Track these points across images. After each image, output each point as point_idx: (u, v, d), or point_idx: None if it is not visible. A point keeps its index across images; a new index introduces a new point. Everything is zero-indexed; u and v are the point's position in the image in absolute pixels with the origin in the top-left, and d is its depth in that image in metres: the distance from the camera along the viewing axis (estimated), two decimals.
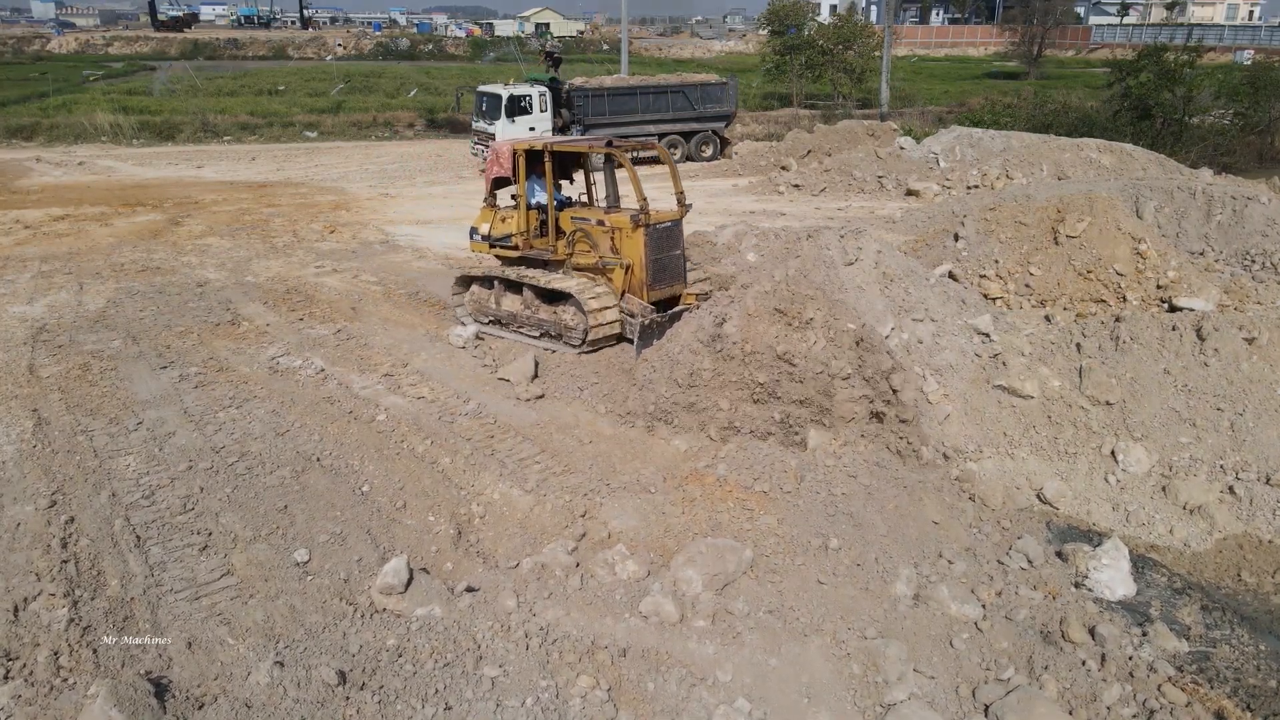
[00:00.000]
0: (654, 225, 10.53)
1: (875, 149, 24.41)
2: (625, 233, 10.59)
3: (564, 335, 10.96)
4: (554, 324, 11.05)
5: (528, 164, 11.25)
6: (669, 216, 10.84)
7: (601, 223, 10.89)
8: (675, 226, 10.91)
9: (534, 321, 11.29)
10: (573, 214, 11.35)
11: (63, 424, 9.02)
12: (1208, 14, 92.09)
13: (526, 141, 11.39)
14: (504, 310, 11.60)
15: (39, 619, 6.19)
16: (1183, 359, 10.22)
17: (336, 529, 7.43)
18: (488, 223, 12.02)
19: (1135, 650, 6.36)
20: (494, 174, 11.74)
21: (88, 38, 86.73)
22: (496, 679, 5.82)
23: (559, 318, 10.99)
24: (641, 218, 10.37)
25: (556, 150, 11.07)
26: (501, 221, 11.82)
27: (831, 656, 6.17)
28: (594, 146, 10.95)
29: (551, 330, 11.11)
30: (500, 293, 11.63)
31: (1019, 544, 7.55)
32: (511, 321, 11.59)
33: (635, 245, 10.55)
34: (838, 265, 11.62)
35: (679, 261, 11.02)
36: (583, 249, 11.12)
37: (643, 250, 10.50)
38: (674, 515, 7.62)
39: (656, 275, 10.68)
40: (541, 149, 11.04)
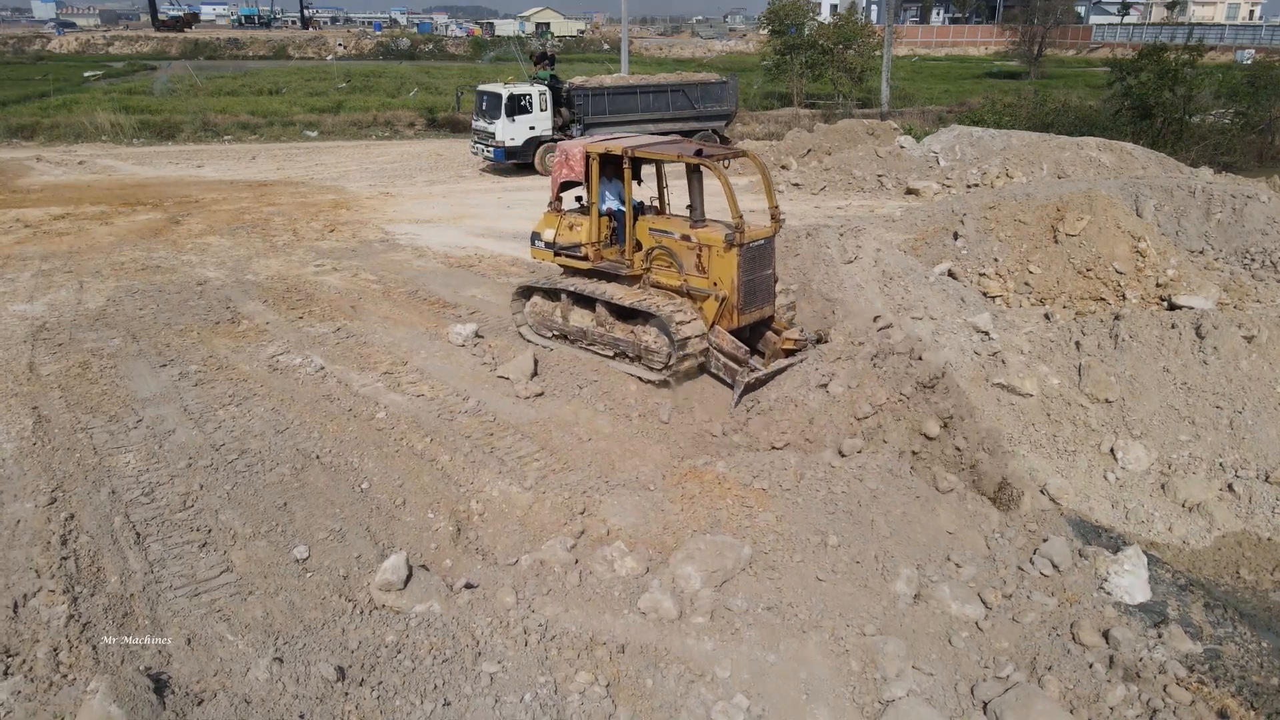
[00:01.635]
0: (748, 244, 9.45)
1: (875, 148, 24.41)
2: (716, 252, 9.54)
3: (644, 358, 10.01)
4: (632, 345, 10.08)
5: (601, 168, 10.34)
6: (763, 234, 9.73)
7: (687, 238, 9.82)
8: (768, 244, 9.86)
9: (608, 340, 10.35)
10: (652, 225, 10.28)
11: (63, 421, 9.03)
12: (1208, 13, 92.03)
13: (602, 144, 10.35)
14: (572, 326, 10.70)
15: (39, 615, 6.20)
16: (1182, 357, 10.23)
17: (336, 526, 7.44)
18: (553, 228, 10.95)
19: (1149, 652, 6.35)
20: (562, 177, 10.75)
21: (88, 37, 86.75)
22: (495, 675, 5.83)
23: (639, 339, 10.00)
24: (736, 236, 9.33)
25: (637, 155, 9.99)
26: (569, 229, 10.77)
27: (830, 653, 6.18)
28: (682, 155, 9.78)
29: (629, 352, 10.17)
30: (568, 307, 10.73)
31: (1044, 547, 7.42)
32: (580, 338, 10.67)
33: (727, 266, 9.50)
34: (837, 263, 11.63)
35: (770, 282, 10.09)
36: (662, 264, 10.15)
37: (735, 272, 9.46)
38: (673, 512, 7.62)
39: (748, 299, 9.70)
40: (620, 153, 10.00)
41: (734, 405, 9.12)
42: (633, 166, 10.14)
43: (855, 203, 21.18)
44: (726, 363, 9.67)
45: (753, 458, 8.27)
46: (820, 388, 8.88)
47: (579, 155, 10.43)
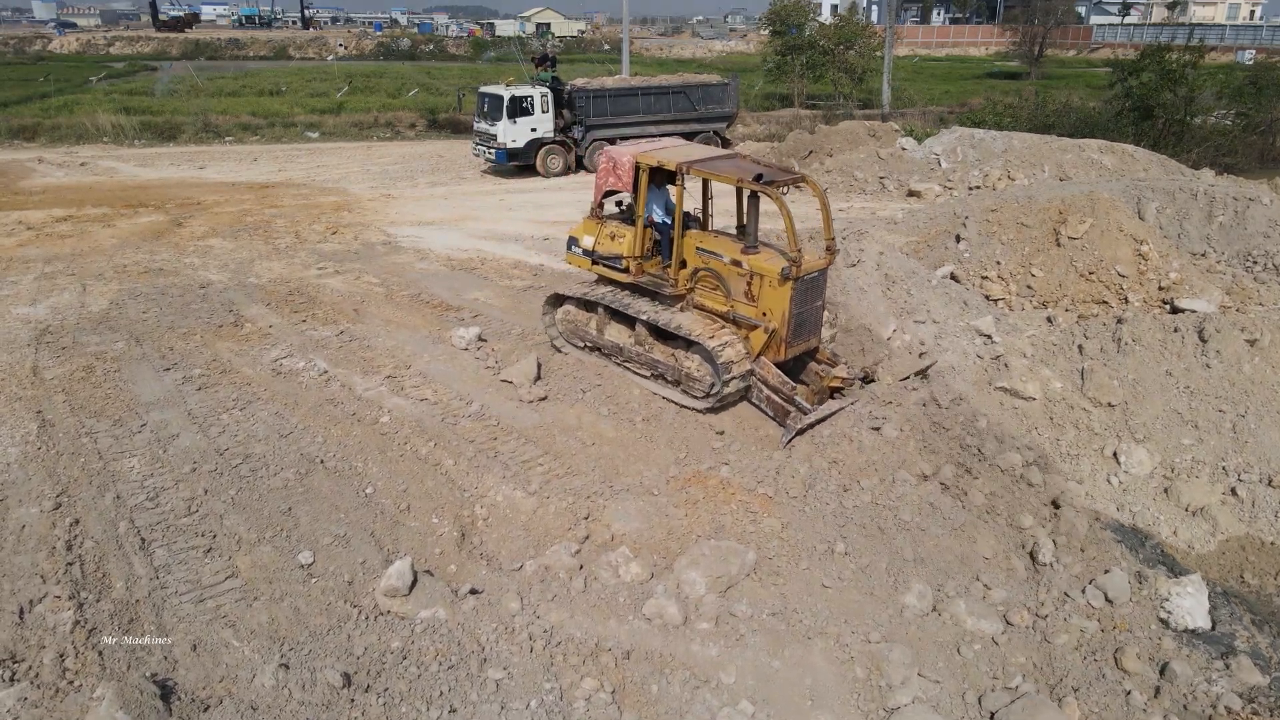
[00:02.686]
0: (802, 277, 9.01)
1: (877, 150, 24.41)
2: (769, 282, 9.09)
3: (684, 384, 9.68)
4: (672, 370, 9.74)
5: (651, 180, 9.83)
6: (818, 266, 9.31)
7: (738, 264, 9.36)
8: (821, 276, 9.44)
9: (646, 360, 9.99)
10: (700, 244, 9.77)
11: (67, 426, 9.04)
12: (1209, 14, 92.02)
13: (655, 155, 9.76)
14: (607, 340, 10.34)
15: (45, 621, 6.21)
16: (1185, 360, 10.23)
17: (340, 531, 7.45)
18: (592, 236, 10.42)
19: (1207, 685, 6.21)
20: (608, 185, 10.26)
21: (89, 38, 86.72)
22: (501, 681, 5.84)
23: (680, 364, 9.64)
24: (793, 270, 8.87)
25: (694, 173, 9.44)
26: (610, 239, 10.23)
27: (835, 660, 6.19)
28: (742, 180, 9.19)
29: (668, 375, 9.81)
30: (604, 320, 10.36)
31: (1102, 579, 7.22)
32: (616, 354, 10.30)
33: (780, 299, 9.07)
34: (840, 267, 11.63)
35: (819, 313, 9.70)
36: (708, 286, 9.69)
37: (788, 305, 9.04)
38: (677, 517, 7.64)
39: (797, 331, 9.32)
40: (674, 169, 9.41)
41: (783, 446, 8.81)
42: (670, 177, 9.69)
43: (857, 205, 21.18)
44: (770, 395, 9.35)
45: (757, 464, 8.28)
46: (873, 430, 8.85)
47: (628, 165, 9.93)
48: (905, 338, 10.98)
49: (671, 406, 9.62)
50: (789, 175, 9.60)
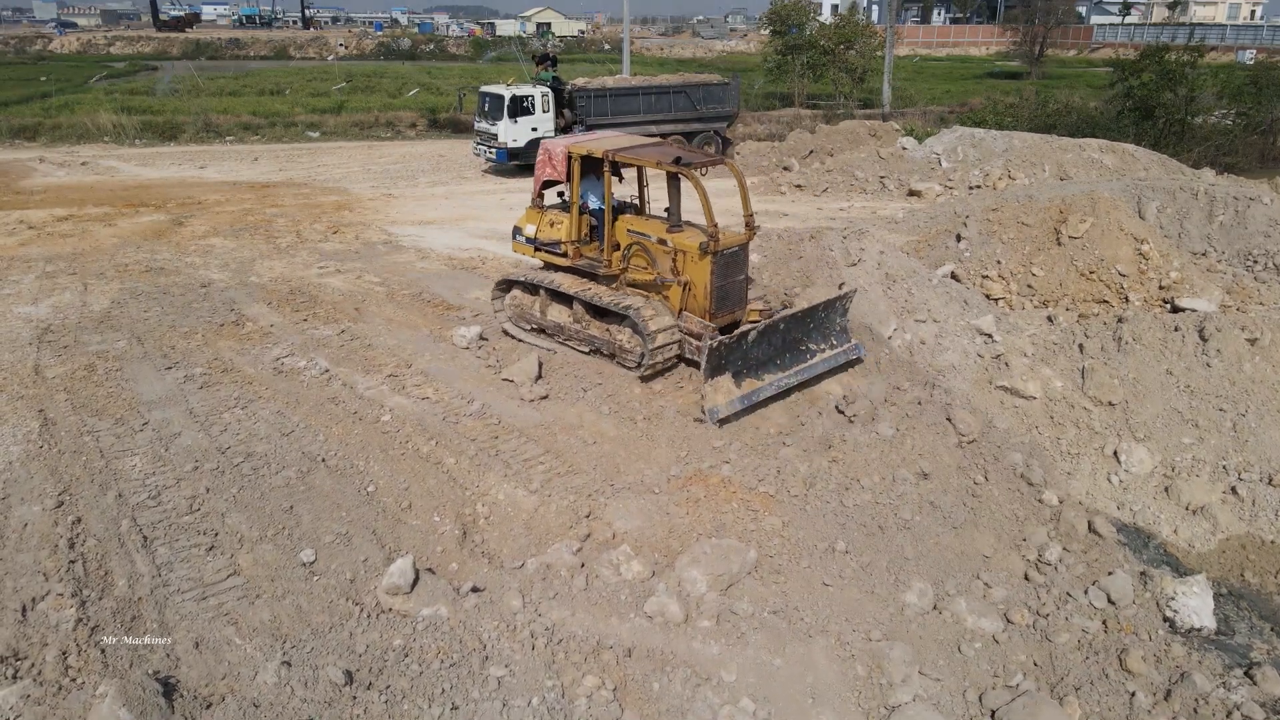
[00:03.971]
0: (722, 251, 9.66)
1: (877, 149, 24.42)
2: (691, 257, 9.78)
3: (618, 356, 10.28)
4: (607, 343, 10.35)
5: (583, 168, 10.52)
6: (737, 241, 9.93)
7: (663, 241, 10.05)
8: (742, 251, 10.04)
9: (584, 337, 10.62)
10: (630, 226, 10.46)
11: (69, 424, 9.05)
12: (1209, 14, 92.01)
13: (584, 145, 10.50)
14: (549, 320, 10.95)
15: (47, 619, 6.22)
16: (1185, 360, 10.25)
17: (342, 529, 7.46)
18: (534, 224, 11.23)
19: (1226, 692, 6.17)
20: (545, 175, 11.00)
21: (89, 38, 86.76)
22: (503, 679, 5.86)
23: (613, 337, 10.29)
24: (710, 244, 9.51)
25: (618, 160, 10.19)
26: (550, 226, 11.01)
27: (836, 658, 6.21)
28: (661, 162, 9.87)
29: (604, 349, 10.43)
30: (546, 302, 10.98)
31: (1105, 580, 7.23)
32: (558, 333, 10.91)
33: (701, 271, 9.72)
34: (840, 266, 11.64)
35: (743, 286, 10.27)
36: (639, 264, 10.35)
37: (709, 277, 9.67)
38: (678, 516, 7.65)
39: (720, 302, 9.90)
40: (601, 156, 10.15)
41: (703, 374, 9.14)
42: (613, 168, 10.35)
43: (858, 204, 21.19)
44: (697, 344, 9.76)
45: (758, 462, 8.29)
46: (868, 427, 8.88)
47: (561, 155, 10.64)
48: (906, 336, 11.00)
49: (672, 406, 9.63)
50: (707, 158, 10.32)
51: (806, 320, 9.86)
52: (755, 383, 9.43)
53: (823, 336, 10.13)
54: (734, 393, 9.22)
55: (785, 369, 9.73)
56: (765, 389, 9.45)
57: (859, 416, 9.16)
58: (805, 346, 9.97)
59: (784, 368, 9.71)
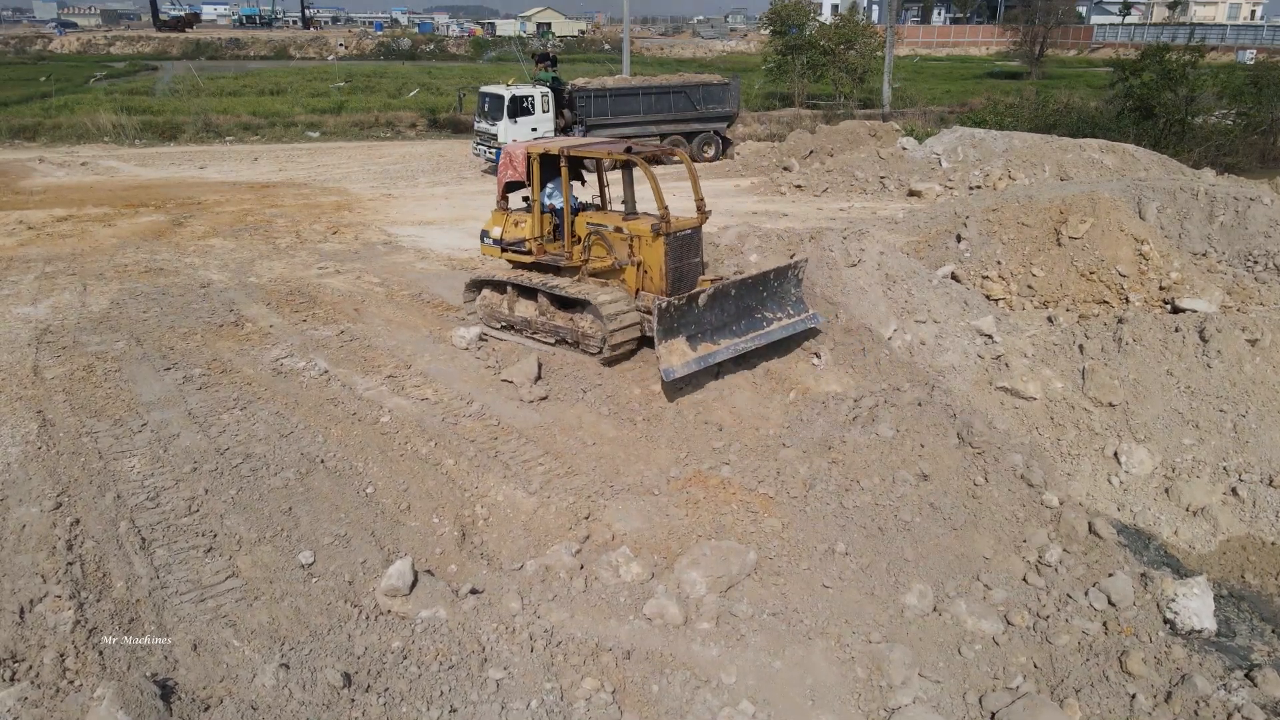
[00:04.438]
0: (674, 233, 10.15)
1: (877, 149, 24.40)
2: (645, 241, 10.27)
3: (582, 343, 10.65)
4: (571, 331, 10.76)
5: (542, 167, 10.96)
6: (689, 224, 10.48)
7: (619, 229, 10.55)
8: (695, 234, 10.57)
9: (549, 328, 11.00)
10: (588, 219, 10.94)
11: (67, 426, 9.04)
12: (1210, 13, 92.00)
13: (541, 145, 11.15)
14: (517, 316, 11.32)
15: (45, 621, 6.21)
16: (1185, 360, 10.24)
17: (341, 531, 7.44)
18: (499, 226, 11.72)
19: (1227, 694, 6.15)
20: (507, 178, 11.50)
21: (89, 38, 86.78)
22: (501, 681, 5.84)
23: (576, 325, 10.68)
24: (662, 226, 10.03)
25: (573, 154, 10.71)
26: (514, 225, 11.55)
27: (835, 660, 6.19)
28: (612, 152, 10.50)
29: (568, 338, 10.82)
30: (514, 298, 11.38)
31: (1106, 582, 7.22)
32: (525, 328, 11.27)
33: (655, 253, 10.22)
34: (840, 267, 11.63)
35: (697, 268, 10.71)
36: (599, 254, 10.80)
37: (663, 258, 10.16)
38: (678, 517, 7.64)
39: (675, 282, 10.33)
40: (557, 153, 10.70)
41: (656, 335, 9.42)
42: (571, 165, 10.84)
43: (858, 204, 21.18)
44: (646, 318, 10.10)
45: (758, 463, 8.28)
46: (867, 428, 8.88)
47: (521, 156, 11.26)
48: (906, 337, 10.99)
49: (672, 407, 9.62)
50: (658, 148, 11.45)
51: (759, 288, 10.25)
52: (711, 346, 9.75)
53: (778, 305, 10.51)
54: (689, 354, 9.53)
55: (741, 335, 10.06)
56: (721, 352, 9.80)
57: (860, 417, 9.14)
58: (761, 314, 10.33)
59: (740, 333, 10.04)
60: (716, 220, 17.45)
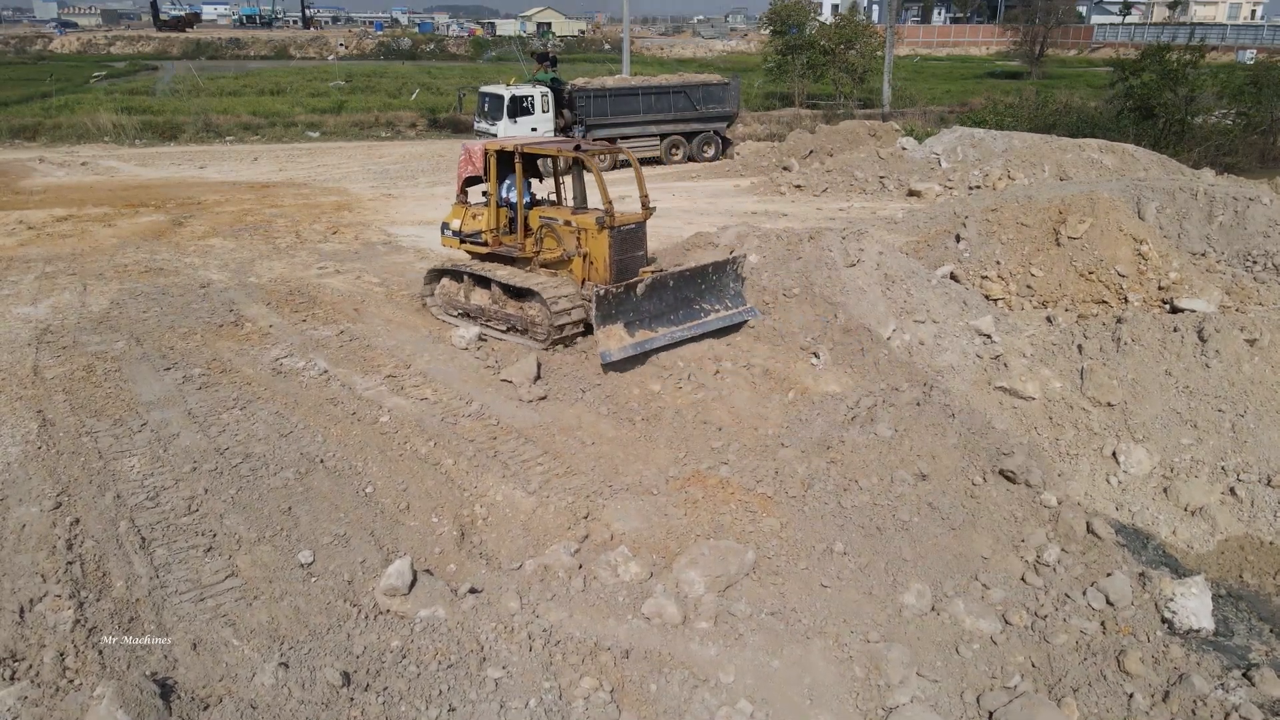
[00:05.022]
0: (618, 227, 10.83)
1: (877, 149, 24.41)
2: (591, 234, 10.93)
3: (530, 331, 11.22)
4: (520, 319, 11.35)
5: (499, 164, 11.67)
6: (633, 219, 11.18)
7: (568, 223, 11.27)
8: (639, 229, 11.24)
9: (501, 316, 11.60)
10: (541, 213, 11.68)
11: (67, 425, 9.05)
12: (1210, 13, 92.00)
13: (498, 142, 11.89)
14: (473, 304, 11.93)
15: (45, 620, 6.22)
16: (1184, 360, 10.24)
17: (340, 530, 7.45)
18: (459, 219, 12.46)
19: (1225, 694, 6.14)
20: (466, 173, 12.30)
21: (90, 37, 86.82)
22: (500, 680, 5.86)
23: (525, 313, 11.28)
24: (606, 220, 10.69)
25: (526, 152, 11.38)
26: (473, 218, 12.26)
27: (834, 659, 6.20)
28: (562, 150, 11.22)
29: (518, 325, 11.40)
30: (469, 287, 11.97)
31: (1104, 582, 7.20)
32: (480, 315, 11.85)
33: (600, 246, 10.89)
34: (839, 267, 11.64)
35: (640, 261, 11.29)
36: (549, 246, 11.52)
37: (607, 251, 10.84)
38: (676, 517, 7.65)
39: (619, 274, 10.93)
40: (512, 150, 11.39)
41: (594, 320, 10.02)
42: (526, 162, 11.51)
43: (857, 204, 21.19)
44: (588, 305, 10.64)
45: (757, 463, 8.29)
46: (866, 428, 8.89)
47: (479, 153, 12.02)
48: (905, 337, 11.00)
49: (671, 406, 9.64)
50: (605, 147, 12.41)
51: (697, 280, 10.87)
52: (648, 333, 10.38)
53: (717, 298, 11.08)
54: (626, 340, 10.17)
55: (679, 323, 10.70)
56: (658, 339, 10.42)
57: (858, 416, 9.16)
58: (699, 306, 10.93)
59: (677, 322, 10.68)
60: (716, 220, 17.48)
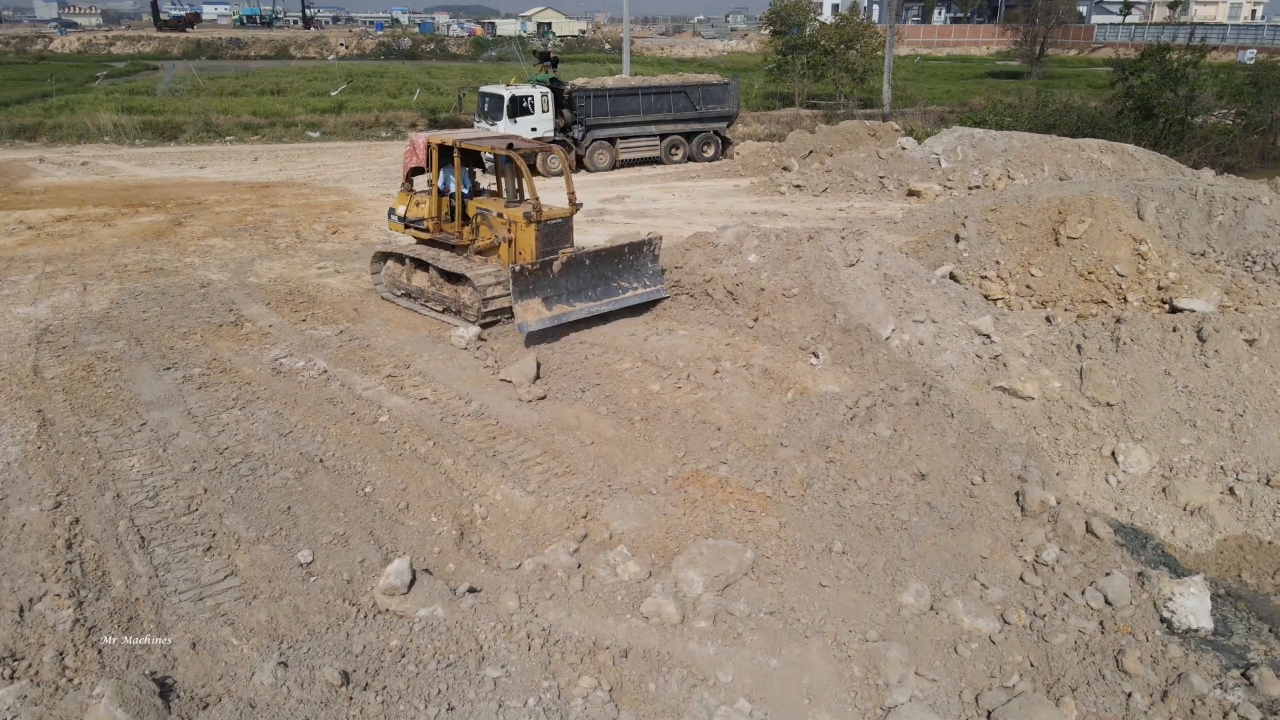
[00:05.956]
0: (544, 221, 11.67)
1: (877, 149, 24.40)
2: (519, 226, 11.71)
3: (462, 312, 11.95)
4: (454, 301, 12.11)
5: (440, 156, 12.44)
6: (560, 214, 11.98)
7: (500, 214, 12.05)
8: (565, 223, 12.05)
9: (438, 298, 12.37)
10: (478, 203, 12.44)
11: (67, 425, 9.06)
12: (1210, 13, 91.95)
13: (439, 136, 12.65)
14: (414, 285, 12.72)
15: (44, 619, 6.23)
16: (1183, 360, 10.24)
17: (340, 530, 7.46)
18: (404, 205, 13.30)
19: (1223, 693, 6.14)
20: (411, 163, 13.15)
21: (90, 37, 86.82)
22: (499, 680, 5.86)
23: (458, 296, 12.02)
24: (533, 214, 11.50)
25: (463, 147, 12.11)
26: (416, 205, 13.05)
27: (832, 658, 6.21)
28: (495, 147, 11.97)
29: (452, 306, 12.14)
30: (411, 270, 12.75)
31: (1103, 581, 7.20)
32: (420, 296, 12.64)
33: (528, 237, 11.68)
34: (839, 267, 11.64)
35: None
36: (484, 234, 12.29)
37: (534, 242, 11.62)
38: (675, 516, 7.65)
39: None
40: (450, 144, 12.16)
41: (512, 295, 10.90)
42: (466, 156, 12.31)
43: (857, 204, 21.18)
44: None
45: (756, 462, 8.29)
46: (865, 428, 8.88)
47: (423, 145, 12.80)
48: (904, 337, 11.00)
49: (670, 406, 9.64)
50: (536, 144, 12.95)
51: (614, 260, 11.84)
52: (565, 307, 11.27)
53: (635, 277, 12.07)
54: (544, 313, 11.06)
55: (596, 299, 11.64)
56: (575, 313, 11.31)
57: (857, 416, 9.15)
58: (618, 284, 11.91)
59: (595, 298, 11.61)
60: (716, 220, 17.49)
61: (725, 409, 9.60)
